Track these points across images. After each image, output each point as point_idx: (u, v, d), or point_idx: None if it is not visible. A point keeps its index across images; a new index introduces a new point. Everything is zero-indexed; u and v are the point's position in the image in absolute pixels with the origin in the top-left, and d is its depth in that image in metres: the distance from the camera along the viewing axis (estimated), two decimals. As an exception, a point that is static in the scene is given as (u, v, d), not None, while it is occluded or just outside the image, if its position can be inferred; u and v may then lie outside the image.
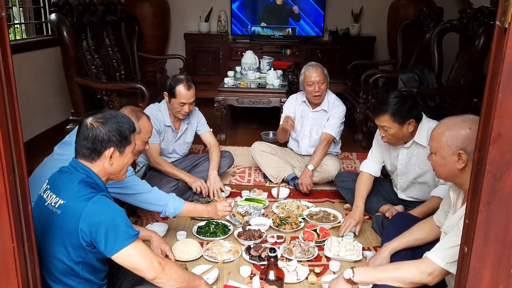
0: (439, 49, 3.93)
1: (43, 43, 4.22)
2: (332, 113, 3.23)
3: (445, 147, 1.68)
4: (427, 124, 2.43)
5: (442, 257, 1.60)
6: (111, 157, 1.60)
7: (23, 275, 1.32)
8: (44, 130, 4.23)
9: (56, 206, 1.52)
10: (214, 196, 2.93)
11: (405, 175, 2.60)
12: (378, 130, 2.56)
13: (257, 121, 5.06)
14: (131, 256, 1.50)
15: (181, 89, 2.88)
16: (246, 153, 3.83)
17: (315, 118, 3.29)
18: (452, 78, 3.79)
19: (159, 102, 3.11)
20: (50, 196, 1.56)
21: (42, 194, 1.61)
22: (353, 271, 1.73)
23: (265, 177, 3.44)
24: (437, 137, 1.71)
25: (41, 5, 4.47)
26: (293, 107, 3.38)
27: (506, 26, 1.06)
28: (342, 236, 2.49)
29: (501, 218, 1.17)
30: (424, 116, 2.46)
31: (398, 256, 2.02)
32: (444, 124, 1.71)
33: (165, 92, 2.97)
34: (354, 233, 2.54)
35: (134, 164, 2.98)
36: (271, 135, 4.38)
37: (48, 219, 1.53)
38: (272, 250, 1.90)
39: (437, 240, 1.85)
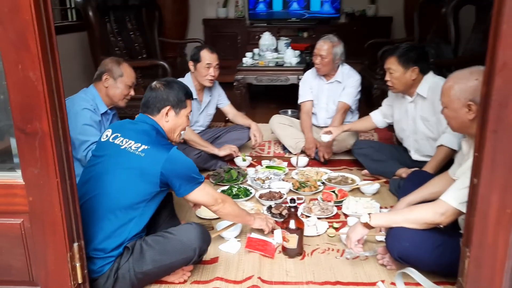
0: (455, 22, 3.96)
1: (68, 28, 4.39)
2: (347, 83, 3.31)
3: (455, 100, 1.75)
4: (431, 79, 2.57)
5: (455, 198, 1.68)
6: (167, 114, 1.89)
7: (67, 210, 1.46)
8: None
9: (140, 150, 1.75)
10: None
11: (415, 132, 2.70)
12: (390, 91, 2.71)
13: (275, 100, 5.16)
14: (198, 196, 1.85)
15: (205, 52, 3.07)
16: (265, 129, 3.90)
17: (330, 89, 3.38)
18: (469, 50, 3.81)
19: (181, 78, 3.24)
20: (127, 142, 1.79)
21: (111, 141, 1.82)
22: (369, 215, 1.82)
23: (284, 148, 3.54)
24: (446, 92, 1.79)
25: (66, -9, 4.64)
26: (309, 82, 3.47)
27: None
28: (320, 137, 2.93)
29: (508, 144, 1.25)
30: (431, 72, 2.58)
31: None
32: (452, 78, 1.79)
33: (190, 62, 3.13)
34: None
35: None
36: (289, 112, 4.44)
37: (127, 160, 1.75)
38: (292, 200, 2.01)
39: None
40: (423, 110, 2.62)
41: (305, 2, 6.24)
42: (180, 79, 3.20)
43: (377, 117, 2.99)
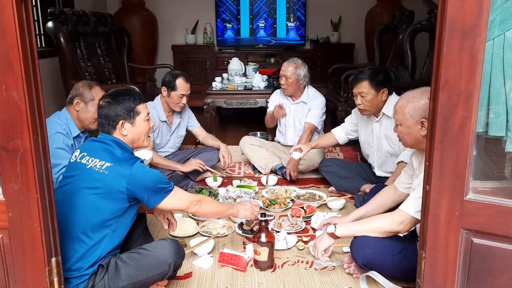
0: (411, 48, 4.25)
1: (38, 54, 4.41)
2: (312, 105, 3.49)
3: (408, 118, 1.92)
4: (394, 99, 2.73)
5: (411, 207, 1.82)
6: (124, 128, 1.88)
7: (46, 225, 1.51)
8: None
9: (103, 168, 1.76)
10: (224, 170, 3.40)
11: (379, 150, 2.86)
12: (353, 111, 2.87)
13: (245, 123, 5.30)
14: (170, 203, 1.87)
15: (181, 81, 3.16)
16: (235, 150, 4.03)
17: (296, 109, 3.56)
18: (425, 73, 4.09)
19: (150, 101, 3.32)
20: (92, 161, 1.80)
21: (78, 161, 1.85)
22: (335, 226, 1.94)
23: (254, 169, 3.65)
24: (400, 110, 1.95)
25: (35, 18, 4.68)
26: (277, 100, 3.66)
27: (447, -8, 1.31)
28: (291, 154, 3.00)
29: (453, 152, 1.40)
30: (394, 92, 2.78)
31: None
32: (405, 97, 1.96)
33: (163, 87, 3.22)
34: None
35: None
36: (258, 134, 4.58)
37: (93, 179, 1.78)
38: (263, 214, 2.10)
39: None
40: (387, 129, 2.78)
41: (271, 29, 6.49)
42: (150, 103, 3.30)
43: (339, 134, 3.12)
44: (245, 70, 5.22)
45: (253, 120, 5.15)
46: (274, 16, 6.42)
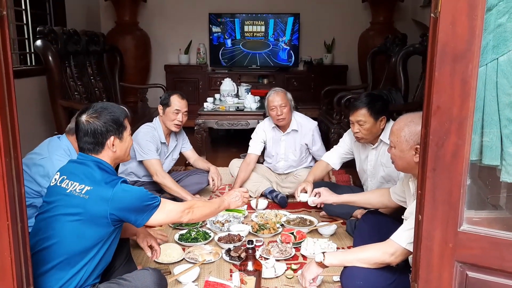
0: (404, 71, 4.23)
1: (28, 72, 4.36)
2: (307, 133, 3.38)
3: (403, 142, 1.86)
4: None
5: (403, 238, 1.75)
6: (113, 145, 1.77)
7: (17, 254, 1.42)
8: (27, 156, 4.30)
9: (83, 192, 1.66)
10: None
11: (374, 176, 2.78)
12: (345, 134, 2.79)
13: (236, 144, 5.23)
14: (160, 218, 1.78)
15: (175, 98, 3.13)
16: (226, 172, 3.95)
17: (287, 140, 3.45)
18: (418, 96, 4.06)
19: (149, 122, 3.29)
20: (72, 184, 1.70)
21: (58, 184, 1.74)
22: (323, 255, 1.86)
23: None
24: (396, 133, 1.89)
25: (26, 36, 4.64)
26: (262, 136, 3.50)
27: (437, 16, 1.27)
28: (299, 197, 2.71)
29: (445, 181, 1.33)
30: (390, 119, 2.70)
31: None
32: (403, 120, 1.90)
33: (159, 105, 3.19)
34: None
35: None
36: (250, 156, 4.53)
37: (74, 205, 1.67)
38: (250, 242, 2.02)
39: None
40: (383, 156, 2.71)
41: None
42: (149, 124, 3.25)
43: (333, 160, 3.01)
44: (238, 90, 5.19)
45: (244, 141, 5.06)
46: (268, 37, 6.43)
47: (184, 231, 2.73)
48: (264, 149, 3.59)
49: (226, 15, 6.30)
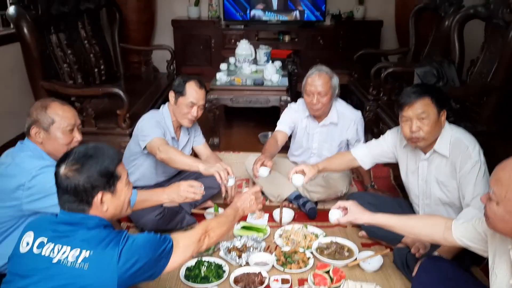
0: (460, 39, 3.44)
1: (9, 37, 3.69)
2: (348, 125, 2.76)
3: None
4: (449, 132, 2.08)
5: None
6: (102, 202, 1.35)
7: None
8: (14, 137, 3.74)
9: (80, 260, 1.25)
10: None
11: (425, 195, 2.20)
12: (390, 133, 2.21)
13: (255, 119, 4.56)
14: (178, 259, 1.44)
15: (192, 86, 2.49)
16: (242, 161, 3.35)
17: (322, 133, 2.82)
18: (477, 73, 3.31)
19: (155, 110, 2.68)
20: (59, 249, 1.27)
21: (37, 252, 1.29)
22: None
23: (262, 193, 2.97)
24: (506, 183, 1.29)
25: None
26: (294, 117, 2.85)
27: None
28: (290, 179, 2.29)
29: None
30: (446, 121, 2.08)
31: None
32: None
33: (171, 92, 2.55)
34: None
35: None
36: (270, 135, 3.90)
37: (68, 282, 1.25)
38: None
39: None
40: (439, 172, 2.10)
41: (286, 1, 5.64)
42: (155, 111, 2.63)
43: (364, 158, 2.38)
44: (256, 54, 4.46)
45: (264, 116, 4.37)
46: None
47: (192, 263, 2.19)
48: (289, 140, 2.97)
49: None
